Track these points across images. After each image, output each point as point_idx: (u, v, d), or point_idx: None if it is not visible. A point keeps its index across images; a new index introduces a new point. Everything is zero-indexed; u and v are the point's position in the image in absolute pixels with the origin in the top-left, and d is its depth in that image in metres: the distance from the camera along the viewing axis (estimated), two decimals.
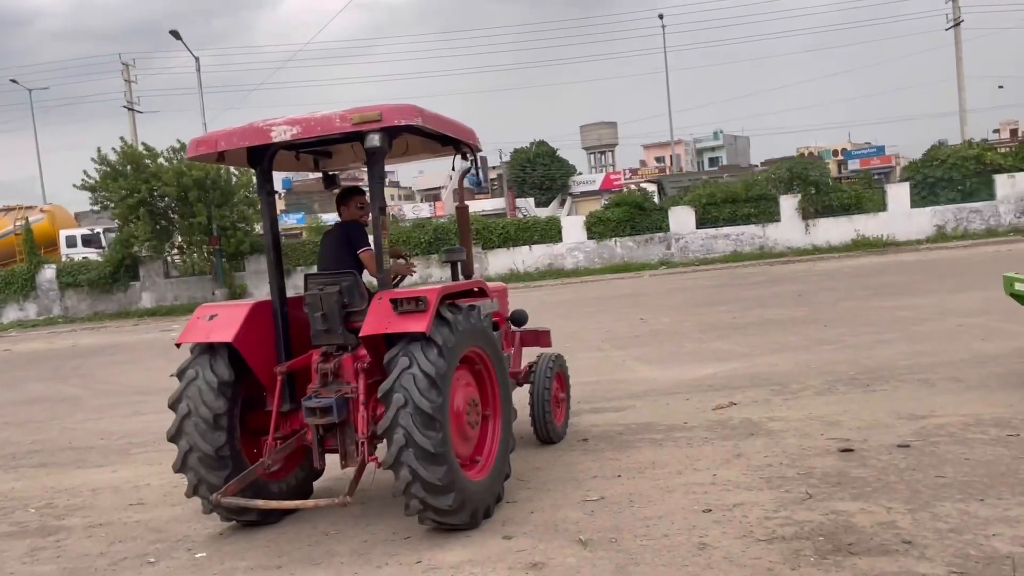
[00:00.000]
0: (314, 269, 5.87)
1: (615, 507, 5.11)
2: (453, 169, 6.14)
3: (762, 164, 78.36)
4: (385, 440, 4.67)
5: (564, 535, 4.72)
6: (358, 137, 4.93)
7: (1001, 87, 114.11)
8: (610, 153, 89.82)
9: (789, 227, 30.60)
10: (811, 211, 30.52)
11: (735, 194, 31.40)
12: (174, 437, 5.07)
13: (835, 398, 7.53)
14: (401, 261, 6.08)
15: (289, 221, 61.37)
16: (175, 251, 30.51)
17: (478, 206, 57.44)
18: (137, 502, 6.23)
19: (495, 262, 31.07)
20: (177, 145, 28.88)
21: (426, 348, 4.63)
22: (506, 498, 5.37)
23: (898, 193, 30.59)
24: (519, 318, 7.07)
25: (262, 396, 5.32)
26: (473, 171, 6.06)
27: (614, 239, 31.13)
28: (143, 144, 30.35)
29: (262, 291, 31.33)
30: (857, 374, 8.42)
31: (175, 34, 35.55)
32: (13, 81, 50.54)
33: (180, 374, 5.16)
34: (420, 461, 4.57)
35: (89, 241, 36.75)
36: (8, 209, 38.16)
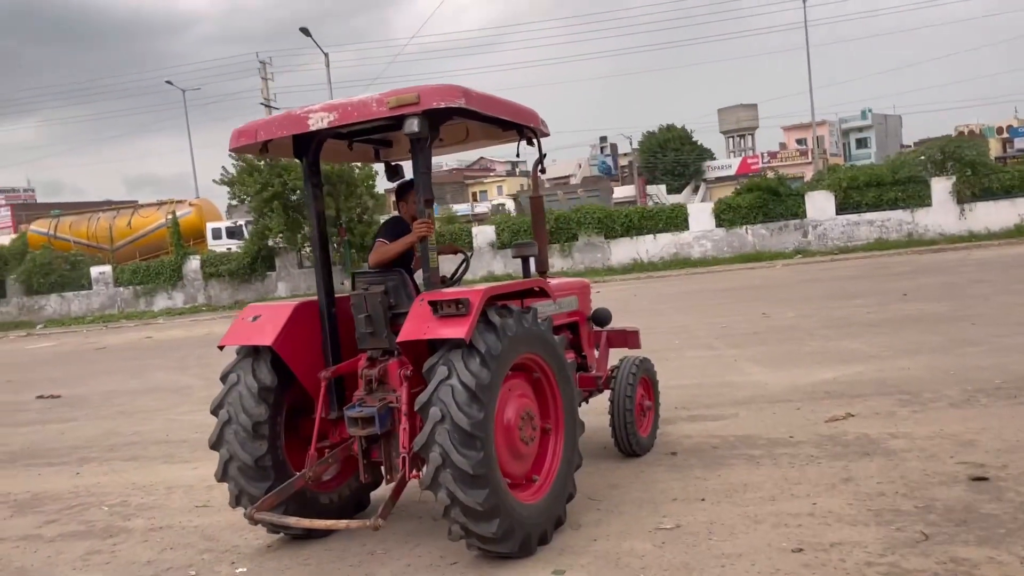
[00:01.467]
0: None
1: (690, 539, 4.45)
2: (517, 156, 5.60)
3: (916, 145, 73.20)
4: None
5: (625, 571, 4.13)
6: (400, 123, 4.50)
7: None
8: (750, 136, 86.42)
9: (941, 212, 28.14)
10: (967, 194, 27.93)
11: (880, 177, 29.21)
12: (215, 445, 4.83)
13: (973, 412, 6.48)
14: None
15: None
16: (307, 243, 31.42)
17: (621, 193, 56.59)
18: (204, 504, 6.09)
19: (618, 252, 30.26)
20: None
21: (467, 357, 4.17)
22: (570, 521, 4.82)
23: None
24: (602, 317, 6.47)
25: (310, 402, 5.01)
26: (537, 156, 5.50)
27: (745, 227, 29.64)
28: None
29: None
30: (1004, 383, 7.28)
31: (305, 31, 36.65)
32: (168, 83, 53.97)
33: (223, 378, 4.91)
34: (458, 483, 4.09)
35: (233, 233, 38.59)
36: (160, 203, 40.70)
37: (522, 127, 5.18)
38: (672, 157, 68.34)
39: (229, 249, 35.31)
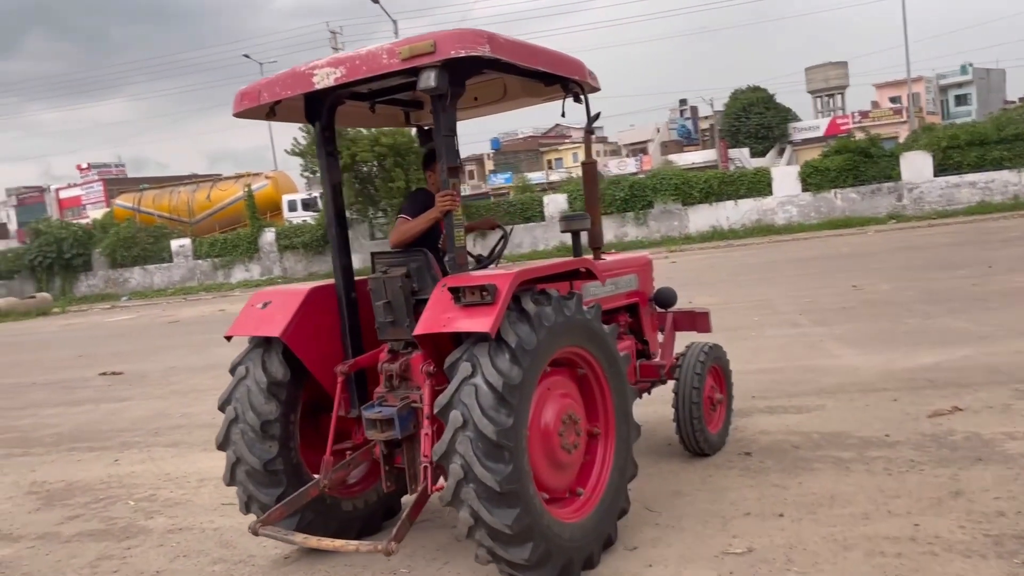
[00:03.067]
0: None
1: (764, 569, 3.72)
2: (563, 115, 4.81)
3: (1021, 100, 68.48)
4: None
5: None
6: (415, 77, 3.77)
7: None
8: (839, 96, 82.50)
9: None
10: None
11: (983, 135, 27.14)
12: (222, 444, 4.35)
13: None
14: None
15: (497, 181, 62.13)
16: (379, 214, 31.28)
17: (687, 159, 54.94)
18: (230, 502, 5.64)
19: (696, 219, 29.04)
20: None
21: (495, 351, 3.56)
22: (622, 539, 4.15)
23: None
24: (666, 297, 5.71)
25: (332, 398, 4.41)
26: (585, 115, 4.74)
27: (834, 191, 28.03)
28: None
29: None
30: None
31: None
32: (246, 56, 54.65)
33: (232, 370, 4.41)
34: (483, 501, 3.47)
35: (308, 205, 38.78)
36: (238, 176, 41.21)
37: (566, 80, 4.45)
38: (756, 120, 65.71)
39: (304, 221, 35.47)
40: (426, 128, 5.08)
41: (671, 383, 5.49)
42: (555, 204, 30.70)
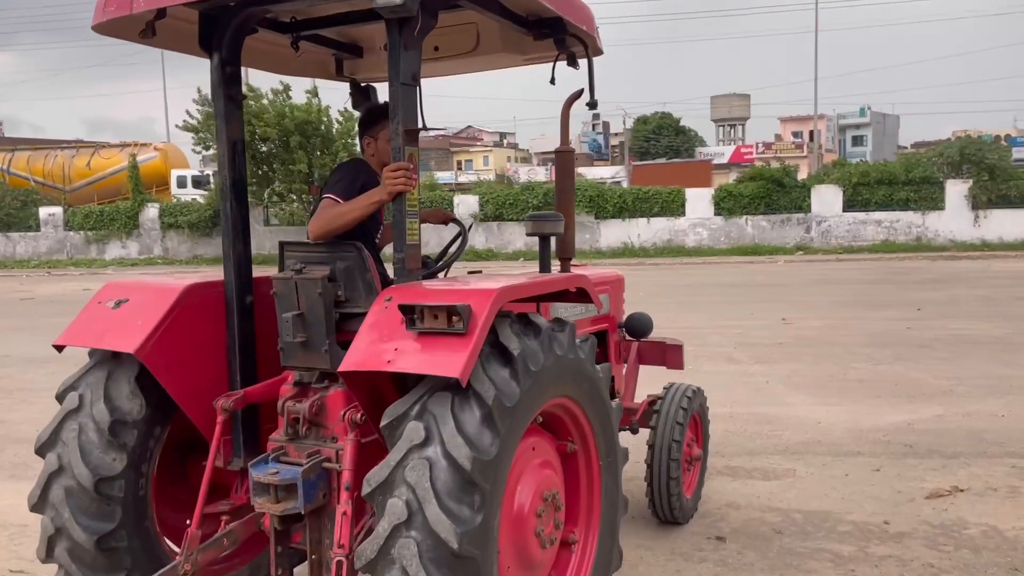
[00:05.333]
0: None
1: None
2: (552, 83, 3.59)
3: (912, 147, 71.80)
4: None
5: None
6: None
7: None
8: (740, 126, 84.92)
9: (954, 217, 26.48)
10: (983, 200, 26.25)
11: (893, 175, 27.40)
12: (36, 507, 2.97)
13: None
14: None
15: None
16: (275, 198, 29.16)
17: (596, 173, 54.80)
18: (18, 572, 4.09)
19: (608, 234, 28.30)
20: (280, 87, 27.36)
21: (461, 408, 2.43)
22: None
23: None
24: (639, 325, 4.57)
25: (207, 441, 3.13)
26: (588, 90, 3.52)
27: (745, 217, 27.78)
28: (248, 85, 29.00)
29: None
30: None
31: None
32: None
33: (60, 398, 3.06)
34: None
35: (200, 183, 36.20)
36: (123, 145, 38.11)
37: (564, 34, 3.29)
38: (665, 143, 66.62)
39: (194, 199, 32.88)
40: (363, 85, 3.82)
41: (640, 432, 4.44)
42: (466, 205, 29.37)
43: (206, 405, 3.01)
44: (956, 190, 26.51)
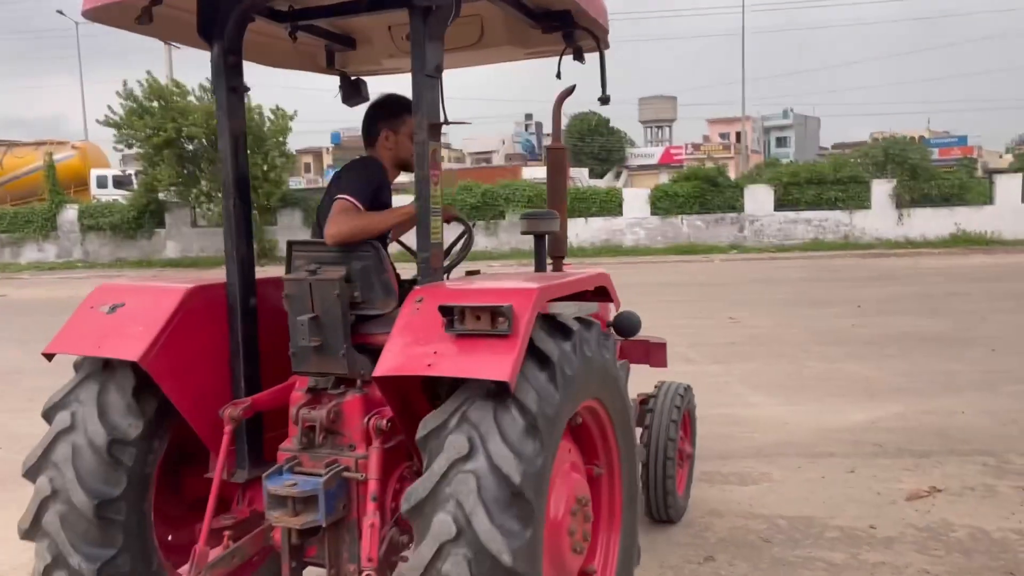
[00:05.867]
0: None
1: None
2: (558, 77, 3.58)
3: (833, 148, 74.07)
4: None
5: None
6: None
7: None
8: (668, 128, 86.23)
9: (880, 216, 27.24)
10: (906, 199, 27.11)
11: (821, 175, 28.10)
12: (28, 534, 2.74)
13: None
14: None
15: None
16: (202, 199, 28.18)
17: (530, 173, 54.88)
18: None
19: None
20: (207, 84, 26.43)
21: (503, 416, 2.32)
22: None
23: (1008, 185, 27.01)
24: (628, 324, 4.35)
25: (202, 445, 3.00)
26: (601, 85, 3.49)
27: (680, 216, 28.08)
28: (173, 80, 27.99)
29: None
30: None
31: None
32: (60, 12, 48.69)
33: (48, 415, 2.82)
34: None
35: (121, 183, 34.74)
36: (39, 144, 36.32)
37: (573, 27, 3.24)
38: (599, 143, 67.12)
39: (115, 200, 31.54)
40: (352, 78, 3.61)
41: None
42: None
43: (210, 415, 2.85)
44: (881, 189, 27.30)
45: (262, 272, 3.16)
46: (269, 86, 32.77)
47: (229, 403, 2.85)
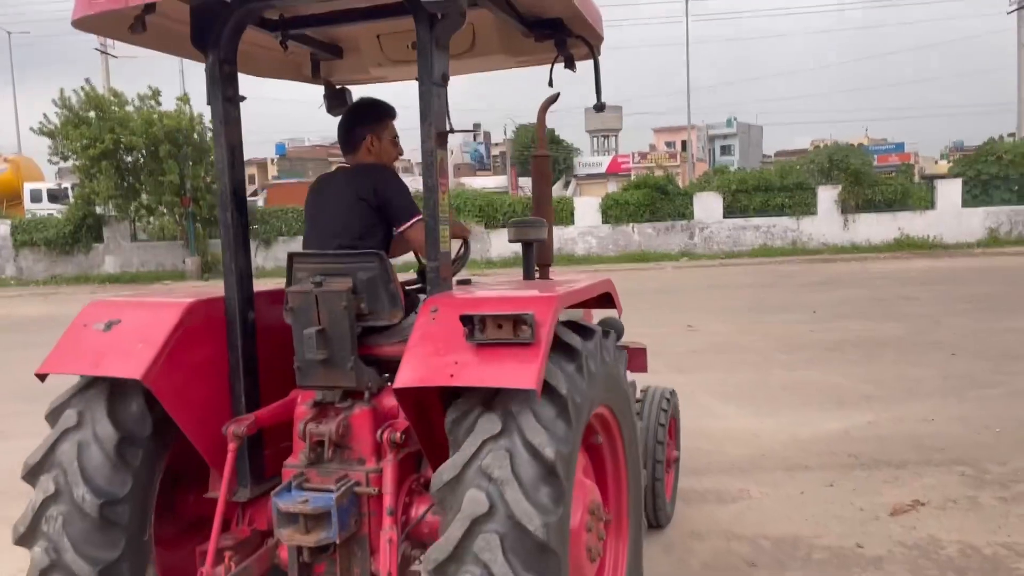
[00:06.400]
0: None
1: None
2: (550, 85, 3.63)
3: (776, 155, 75.47)
4: None
5: None
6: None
7: None
8: (614, 137, 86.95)
9: (826, 221, 27.64)
10: (851, 205, 27.58)
11: (768, 181, 28.45)
12: (25, 539, 2.69)
13: None
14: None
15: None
16: (142, 212, 27.29)
17: (479, 183, 54.70)
18: None
19: (498, 243, 27.97)
20: (148, 92, 25.66)
21: (539, 403, 2.37)
22: None
23: (948, 190, 27.64)
24: (612, 330, 4.27)
25: (197, 463, 2.96)
26: (595, 92, 3.66)
27: (632, 225, 28.13)
28: (111, 89, 27.09)
29: None
30: None
31: None
32: None
33: (52, 416, 2.80)
34: None
35: (56, 197, 33.63)
36: None
37: (566, 35, 3.31)
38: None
39: (50, 214, 30.40)
40: (337, 87, 3.67)
41: None
42: None
43: (212, 432, 2.81)
44: (827, 195, 27.71)
45: (204, 286, 2.93)
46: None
47: (232, 420, 2.81)
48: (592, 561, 2.74)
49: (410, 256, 3.50)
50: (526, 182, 54.39)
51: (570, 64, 3.50)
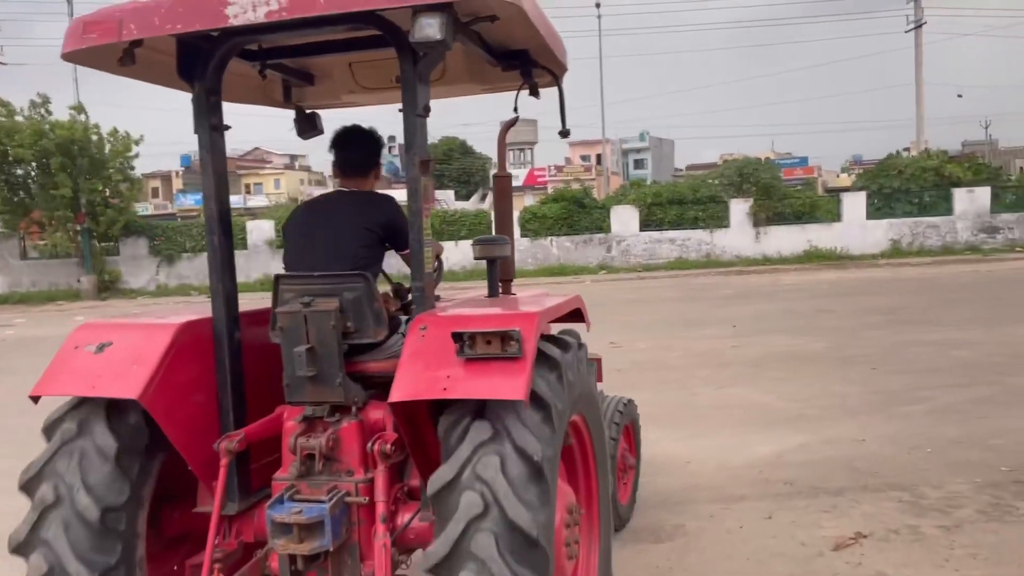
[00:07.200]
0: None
1: None
2: (516, 110, 3.83)
3: (687, 169, 77.21)
4: None
5: None
6: (381, 27, 2.78)
7: (960, 96, 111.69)
8: (529, 151, 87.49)
9: (739, 234, 28.18)
10: (762, 217, 28.19)
11: (682, 195, 28.85)
12: (22, 547, 2.76)
13: None
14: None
15: (186, 202, 56.21)
16: (33, 227, 25.70)
17: (397, 196, 54.03)
18: None
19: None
20: (38, 100, 24.18)
21: (525, 410, 2.57)
22: None
23: (854, 203, 28.56)
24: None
25: (182, 480, 3.09)
26: (560, 118, 3.98)
27: (550, 238, 28.06)
28: None
29: (139, 278, 27.00)
30: (1014, 470, 5.37)
31: None
32: None
33: (49, 429, 2.91)
34: None
35: None
36: None
37: (531, 65, 3.51)
38: (458, 165, 67.22)
39: None
40: (308, 112, 3.87)
41: None
42: (260, 232, 27.42)
43: (202, 448, 2.94)
44: (739, 208, 28.25)
45: (103, 306, 2.55)
46: (116, 104, 30.57)
47: (224, 436, 2.92)
48: (570, 559, 2.91)
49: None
50: (443, 195, 54.03)
51: (534, 92, 3.71)
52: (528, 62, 3.43)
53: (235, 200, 52.84)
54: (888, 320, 12.63)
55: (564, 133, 3.88)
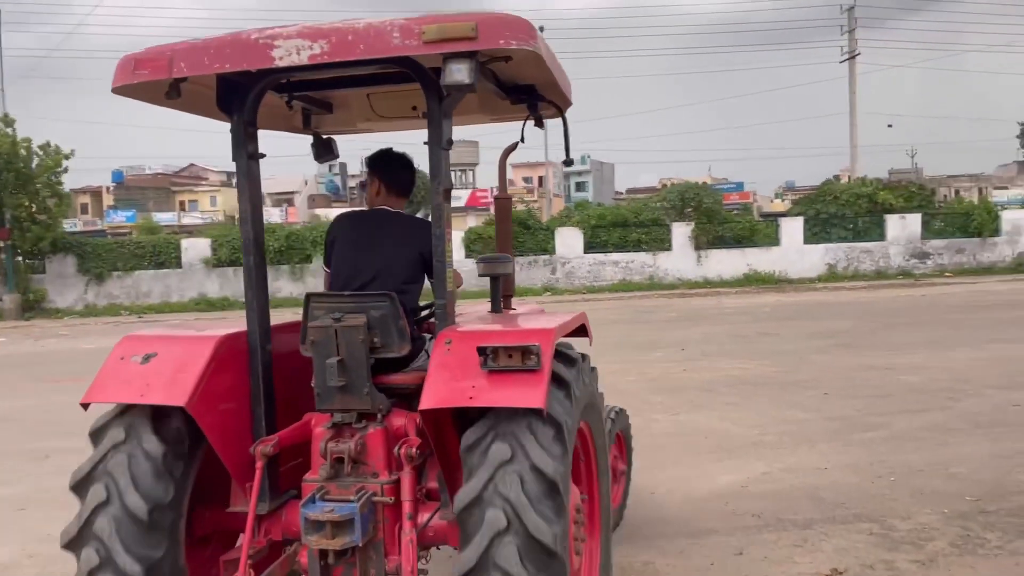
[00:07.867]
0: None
1: None
2: (522, 140, 4.15)
3: (627, 192, 78.20)
4: None
5: None
6: (413, 69, 2.98)
7: (890, 126, 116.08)
8: (471, 172, 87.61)
9: (681, 257, 28.52)
10: (703, 241, 28.57)
11: (625, 218, 29.08)
12: (74, 542, 2.94)
13: (998, 564, 4.34)
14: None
15: (117, 218, 54.52)
16: None
17: (335, 214, 53.37)
18: None
19: None
20: None
21: (539, 429, 2.76)
22: None
23: (792, 228, 29.17)
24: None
25: (215, 482, 3.30)
26: (564, 149, 4.16)
27: None
28: None
29: (66, 298, 25.90)
30: (980, 500, 5.33)
31: None
32: None
33: (96, 434, 3.08)
34: None
35: None
36: None
37: (538, 99, 3.71)
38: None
39: None
40: (324, 138, 4.07)
41: None
42: (196, 250, 26.62)
43: (239, 451, 3.17)
44: (681, 232, 28.59)
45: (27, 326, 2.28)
46: (48, 118, 29.43)
47: (259, 440, 3.14)
48: (578, 554, 3.07)
49: None
50: None
51: (539, 123, 3.92)
52: (535, 96, 3.66)
53: (168, 217, 51.43)
54: (832, 344, 12.76)
55: (568, 162, 4.14)
